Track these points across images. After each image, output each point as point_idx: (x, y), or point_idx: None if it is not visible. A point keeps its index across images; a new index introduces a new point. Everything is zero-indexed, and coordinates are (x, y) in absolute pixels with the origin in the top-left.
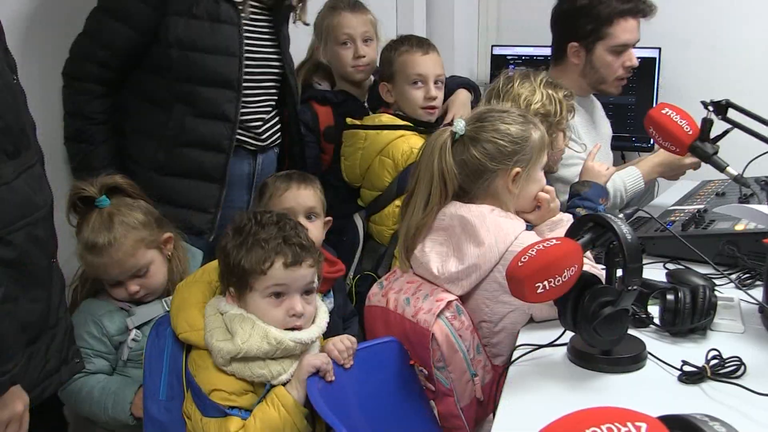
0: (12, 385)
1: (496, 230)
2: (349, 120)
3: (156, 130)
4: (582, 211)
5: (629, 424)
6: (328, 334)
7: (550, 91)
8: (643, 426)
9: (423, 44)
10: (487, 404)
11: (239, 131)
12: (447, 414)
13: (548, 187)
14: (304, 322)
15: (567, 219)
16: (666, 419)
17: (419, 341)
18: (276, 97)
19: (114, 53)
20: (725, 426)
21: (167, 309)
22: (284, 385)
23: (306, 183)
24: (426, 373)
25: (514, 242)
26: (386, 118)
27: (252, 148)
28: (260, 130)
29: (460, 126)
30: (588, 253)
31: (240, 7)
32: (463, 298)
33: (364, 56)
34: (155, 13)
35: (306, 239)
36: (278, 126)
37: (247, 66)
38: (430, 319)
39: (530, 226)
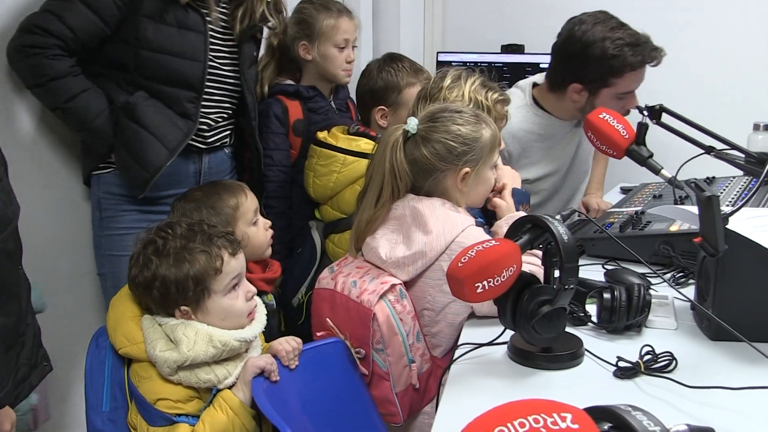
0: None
1: (445, 220)
2: (321, 135)
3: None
4: None
5: (555, 414)
6: (268, 336)
7: (479, 97)
8: (569, 416)
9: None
10: (422, 395)
11: None
12: (382, 398)
13: (506, 183)
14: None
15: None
16: (591, 410)
17: (361, 320)
18: (229, 111)
19: (76, 36)
20: (646, 415)
21: None
22: (230, 387)
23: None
24: (363, 354)
25: (461, 234)
26: (365, 145)
27: (197, 148)
28: (206, 134)
29: (412, 125)
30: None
31: (206, 15)
32: (408, 285)
33: (353, 60)
34: (125, 10)
35: (224, 228)
36: (228, 129)
37: (208, 73)
38: (373, 299)
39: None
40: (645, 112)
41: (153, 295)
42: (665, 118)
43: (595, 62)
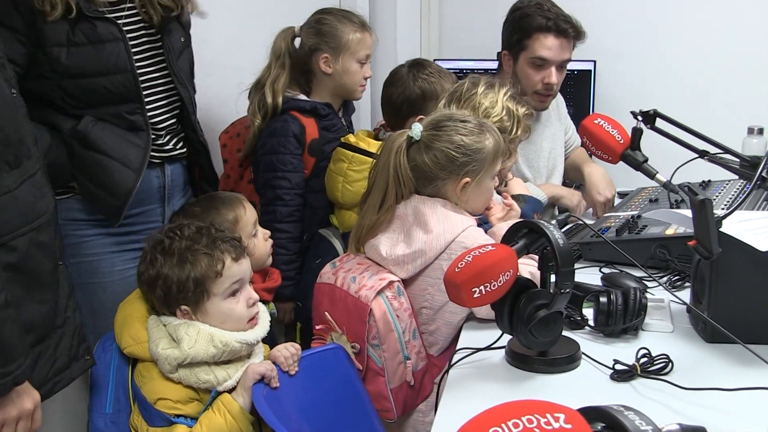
0: (16, 385)
1: (446, 221)
2: (353, 139)
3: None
4: None
5: (548, 415)
6: (270, 343)
7: (511, 106)
8: (562, 416)
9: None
10: (417, 392)
11: None
12: (376, 394)
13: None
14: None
15: None
16: (585, 410)
17: (358, 315)
18: (174, 112)
19: None
20: (639, 414)
21: None
22: (230, 392)
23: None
24: (358, 349)
25: (461, 234)
26: None
27: (158, 159)
28: (160, 142)
29: (416, 131)
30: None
31: (117, 20)
32: (408, 283)
33: (370, 76)
34: (29, 45)
35: (231, 234)
36: (181, 132)
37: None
38: (370, 295)
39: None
40: (639, 117)
41: (156, 293)
42: (659, 122)
43: (514, 24)
